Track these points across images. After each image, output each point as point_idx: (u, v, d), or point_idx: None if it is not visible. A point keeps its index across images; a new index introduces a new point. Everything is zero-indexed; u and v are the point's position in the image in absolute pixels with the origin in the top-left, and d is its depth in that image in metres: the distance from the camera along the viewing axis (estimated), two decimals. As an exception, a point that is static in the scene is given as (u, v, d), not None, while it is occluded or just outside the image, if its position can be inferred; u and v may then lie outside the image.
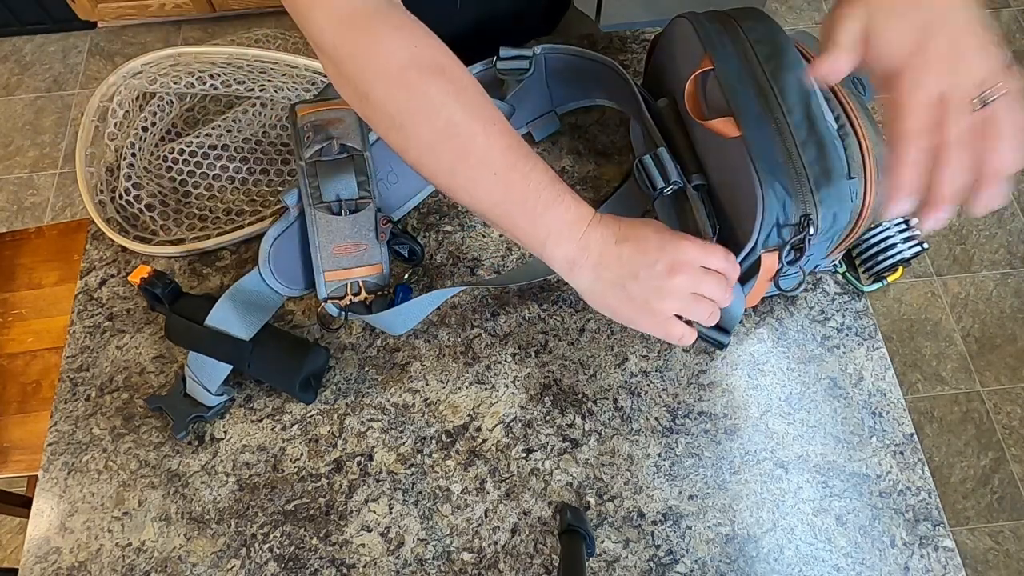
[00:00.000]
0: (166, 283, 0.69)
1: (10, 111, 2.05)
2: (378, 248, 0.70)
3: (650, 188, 0.67)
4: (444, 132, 0.55)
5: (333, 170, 0.68)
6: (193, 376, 0.67)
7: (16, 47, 2.15)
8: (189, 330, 0.67)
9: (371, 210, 0.69)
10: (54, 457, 0.69)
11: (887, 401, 0.70)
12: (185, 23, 2.18)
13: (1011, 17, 2.15)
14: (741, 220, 0.63)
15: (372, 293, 0.70)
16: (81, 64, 2.12)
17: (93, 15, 2.05)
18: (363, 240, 0.69)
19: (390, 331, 0.72)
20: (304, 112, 0.69)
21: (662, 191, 0.67)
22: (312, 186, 0.68)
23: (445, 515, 0.66)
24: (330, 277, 0.69)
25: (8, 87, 2.09)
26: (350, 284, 0.69)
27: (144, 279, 0.69)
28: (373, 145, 0.71)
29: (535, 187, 0.56)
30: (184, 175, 0.79)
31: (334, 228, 0.68)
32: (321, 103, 0.70)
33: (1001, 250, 1.82)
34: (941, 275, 1.79)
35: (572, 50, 0.75)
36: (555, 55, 0.76)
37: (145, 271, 0.69)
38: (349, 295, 0.69)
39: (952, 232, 1.84)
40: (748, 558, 0.64)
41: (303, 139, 0.68)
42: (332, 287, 0.69)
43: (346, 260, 0.68)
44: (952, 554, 0.64)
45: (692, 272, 0.57)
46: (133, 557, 0.65)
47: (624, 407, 0.70)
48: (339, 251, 0.68)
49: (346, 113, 0.69)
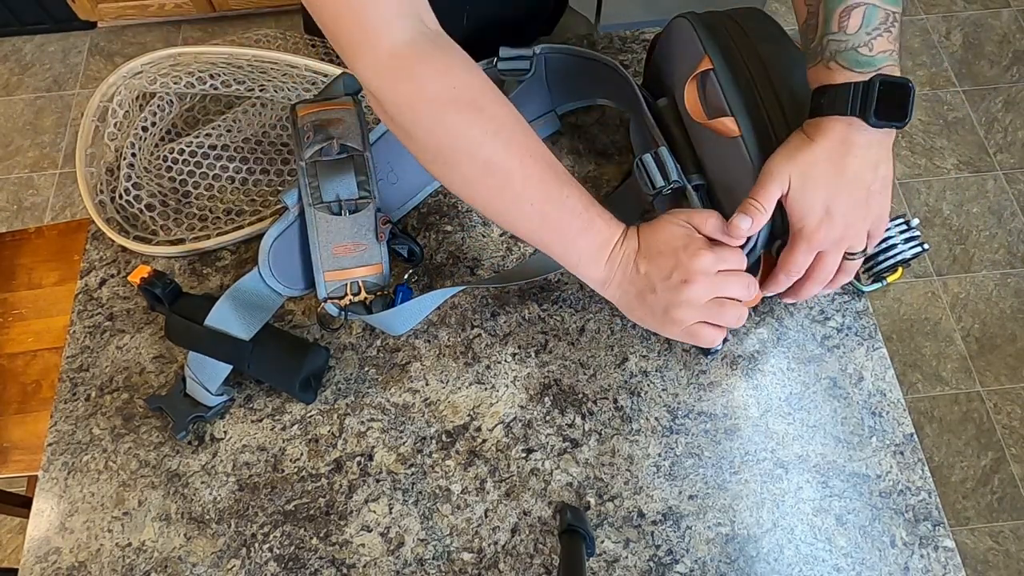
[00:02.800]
0: (166, 283, 0.69)
1: (10, 111, 2.05)
2: (378, 248, 0.70)
3: (650, 187, 0.67)
4: (483, 170, 0.59)
5: (333, 170, 0.68)
6: (193, 376, 0.67)
7: (16, 47, 2.15)
8: (189, 330, 0.67)
9: (371, 210, 0.69)
10: (54, 457, 0.69)
11: (887, 401, 0.70)
12: (185, 23, 2.17)
13: (1011, 17, 2.15)
14: None
15: (372, 293, 0.70)
16: (81, 64, 2.12)
17: (93, 15, 2.05)
18: (363, 240, 0.69)
19: (390, 331, 0.72)
20: (304, 112, 0.69)
21: (661, 190, 0.67)
22: (312, 186, 0.67)
23: (445, 515, 0.66)
24: (330, 277, 0.69)
25: (8, 87, 2.09)
26: (350, 284, 0.69)
27: (144, 279, 0.68)
28: (374, 144, 0.71)
29: (568, 216, 0.60)
30: (184, 175, 0.79)
31: (334, 228, 0.68)
32: (322, 103, 0.70)
33: (1001, 250, 1.82)
34: (941, 275, 1.79)
35: (572, 50, 0.75)
36: (555, 55, 0.75)
37: (145, 271, 0.69)
38: (349, 295, 0.69)
39: (952, 232, 1.84)
40: (748, 558, 0.64)
41: (303, 139, 0.68)
42: (332, 287, 0.69)
43: (346, 260, 0.68)
44: (952, 554, 0.64)
45: (707, 280, 0.59)
46: (133, 557, 0.65)
47: (624, 407, 0.70)
48: (339, 251, 0.68)
49: (346, 113, 0.69)
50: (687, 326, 0.61)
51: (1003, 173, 1.92)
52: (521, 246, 0.78)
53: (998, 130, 1.97)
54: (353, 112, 0.69)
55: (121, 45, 2.15)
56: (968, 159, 1.93)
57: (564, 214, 0.60)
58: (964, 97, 2.02)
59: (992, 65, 2.07)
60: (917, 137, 1.96)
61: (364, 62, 0.57)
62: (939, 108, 2.00)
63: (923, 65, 2.07)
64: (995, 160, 1.93)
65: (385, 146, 0.72)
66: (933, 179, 1.91)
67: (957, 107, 2.01)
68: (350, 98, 0.70)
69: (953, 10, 2.16)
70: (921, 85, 2.03)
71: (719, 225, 0.60)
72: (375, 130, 0.72)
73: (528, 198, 0.59)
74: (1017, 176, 1.91)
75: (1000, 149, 1.95)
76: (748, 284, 0.61)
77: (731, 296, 0.60)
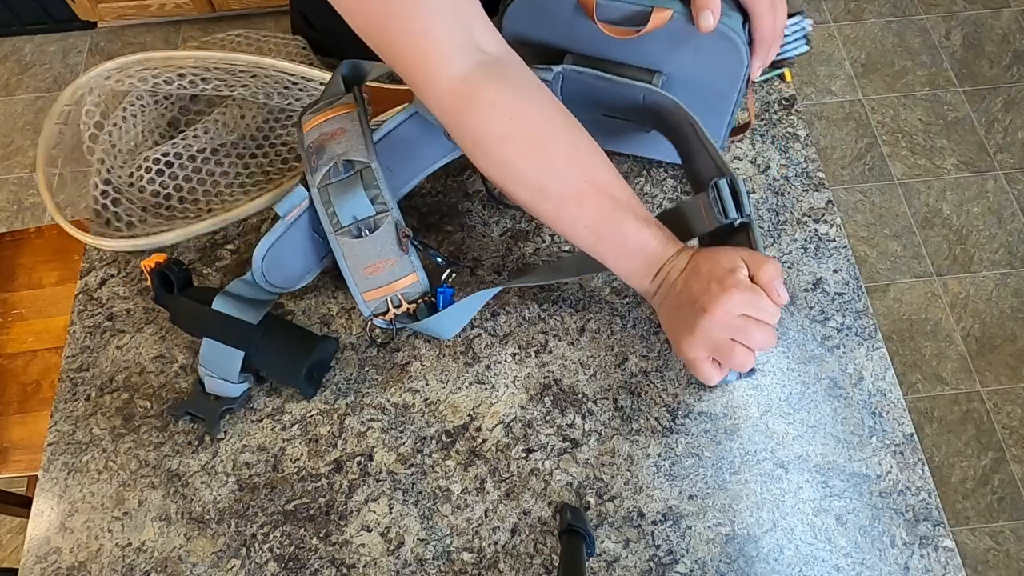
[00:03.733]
0: (180, 268, 0.70)
1: (10, 111, 2.05)
2: (407, 259, 0.68)
3: (722, 216, 0.64)
4: (540, 196, 0.63)
5: (343, 190, 0.66)
6: (209, 372, 0.67)
7: (16, 47, 2.15)
8: (198, 313, 0.68)
9: (390, 223, 0.67)
10: (54, 457, 0.69)
11: (887, 401, 0.70)
12: (185, 23, 2.17)
13: (1011, 17, 2.15)
14: None
15: (414, 302, 0.69)
16: (81, 64, 2.12)
17: (93, 15, 2.05)
18: (389, 256, 0.67)
19: (440, 336, 0.72)
20: (307, 128, 0.68)
21: (733, 222, 0.64)
22: (329, 212, 0.66)
23: (445, 515, 0.66)
24: (369, 297, 0.68)
25: (8, 87, 2.09)
26: (390, 299, 0.69)
27: (159, 263, 0.70)
28: (378, 144, 0.69)
29: (622, 238, 0.63)
30: (159, 183, 0.78)
31: (359, 251, 0.67)
32: (324, 111, 0.68)
33: (1001, 250, 1.82)
34: (941, 275, 1.79)
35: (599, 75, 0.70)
36: (576, 76, 0.71)
37: (161, 257, 0.71)
38: (392, 309, 0.69)
39: (952, 232, 1.84)
40: (748, 558, 0.64)
41: (309, 163, 0.67)
42: (374, 305, 0.69)
43: (380, 278, 0.68)
44: (952, 554, 0.64)
45: (727, 318, 0.58)
46: (133, 557, 0.65)
47: (624, 407, 0.70)
48: (370, 271, 0.67)
49: (347, 119, 0.68)
50: (691, 355, 0.62)
51: (1003, 173, 1.92)
52: (521, 246, 0.78)
53: (998, 130, 1.97)
54: (354, 115, 0.68)
55: (121, 45, 2.15)
56: (968, 159, 1.93)
57: (618, 237, 0.63)
58: (964, 97, 2.02)
59: (992, 65, 2.07)
60: (917, 137, 1.96)
61: (427, 98, 0.62)
62: (939, 108, 2.00)
63: (923, 65, 2.07)
64: (995, 160, 1.93)
65: (382, 144, 0.71)
66: (933, 179, 1.91)
67: (957, 107, 2.01)
68: (351, 96, 0.70)
69: (953, 10, 2.16)
70: (921, 85, 2.04)
71: (775, 276, 0.59)
72: (380, 130, 0.70)
73: (584, 222, 0.62)
74: (1017, 176, 1.91)
75: (1000, 149, 1.95)
76: (770, 338, 0.59)
77: (748, 344, 0.59)
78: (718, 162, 0.66)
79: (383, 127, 0.70)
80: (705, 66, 0.69)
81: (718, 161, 0.66)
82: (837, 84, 2.04)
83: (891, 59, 2.08)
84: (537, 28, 0.70)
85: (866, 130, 1.97)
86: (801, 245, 0.78)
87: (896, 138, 1.96)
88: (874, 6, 2.15)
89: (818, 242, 0.78)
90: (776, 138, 0.83)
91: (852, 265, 0.76)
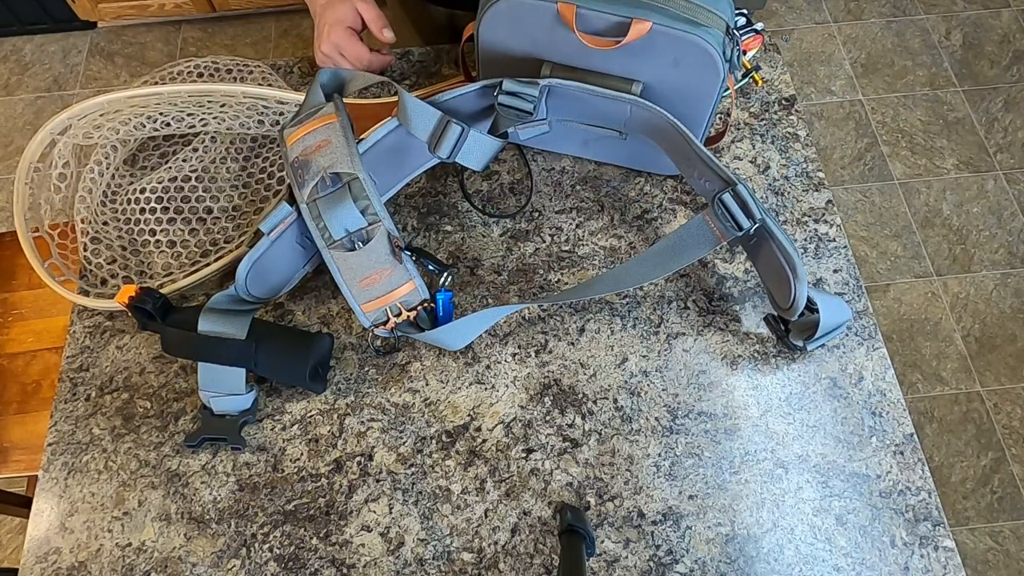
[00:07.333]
0: (155, 297, 0.67)
1: (10, 111, 2.05)
2: (402, 268, 0.68)
3: (735, 229, 0.64)
4: None
5: (332, 204, 0.66)
6: (214, 394, 0.66)
7: (16, 47, 2.15)
8: (186, 340, 0.66)
9: (383, 234, 0.67)
10: (54, 457, 0.69)
11: (887, 401, 0.70)
12: (185, 23, 2.17)
13: (1011, 17, 2.15)
14: None
15: (412, 310, 0.69)
16: (81, 64, 2.12)
17: (93, 15, 2.05)
18: (384, 266, 0.67)
19: (448, 347, 0.72)
20: (291, 141, 0.67)
21: (748, 231, 0.64)
22: (320, 227, 0.66)
23: (445, 515, 0.66)
24: (367, 308, 0.68)
25: (8, 87, 2.09)
26: (389, 308, 0.68)
27: (132, 297, 0.67)
28: (364, 155, 0.69)
29: None
30: (140, 225, 0.77)
31: (353, 264, 0.67)
32: (304, 124, 0.67)
33: (1001, 250, 1.82)
34: (941, 275, 1.79)
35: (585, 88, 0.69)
36: (561, 90, 0.70)
37: (132, 290, 0.67)
38: (392, 318, 0.69)
39: (952, 232, 1.84)
40: (748, 558, 0.64)
41: (296, 179, 0.66)
42: (373, 316, 0.69)
43: (376, 289, 0.67)
44: (952, 554, 0.64)
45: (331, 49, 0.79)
46: (133, 557, 0.65)
47: (624, 407, 0.70)
48: (366, 283, 0.67)
49: (329, 130, 0.66)
50: None
51: (1003, 173, 1.92)
52: (521, 246, 0.78)
53: (998, 130, 1.97)
54: (336, 125, 0.67)
55: (121, 45, 2.15)
56: (968, 159, 1.93)
57: None
58: (964, 97, 2.02)
59: (992, 65, 2.07)
60: (917, 137, 1.96)
61: None
62: (939, 108, 2.00)
63: (923, 65, 2.06)
64: (995, 160, 1.93)
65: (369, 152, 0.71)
66: (933, 179, 1.91)
67: (957, 107, 2.01)
68: (332, 106, 0.68)
69: (953, 10, 2.15)
70: (921, 85, 2.03)
71: (376, 19, 0.80)
72: (365, 141, 0.69)
73: None
74: (1017, 176, 1.91)
75: (1000, 149, 1.95)
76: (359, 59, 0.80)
77: None
78: (719, 172, 0.66)
79: (366, 140, 0.69)
80: (682, 77, 0.68)
81: (719, 171, 0.66)
82: (837, 84, 2.03)
83: (891, 59, 2.08)
84: (514, 36, 0.70)
85: (866, 130, 1.97)
86: (801, 245, 0.78)
87: (896, 138, 1.96)
88: (874, 6, 2.15)
89: (818, 242, 0.78)
90: (776, 138, 0.83)
91: (852, 265, 0.76)
